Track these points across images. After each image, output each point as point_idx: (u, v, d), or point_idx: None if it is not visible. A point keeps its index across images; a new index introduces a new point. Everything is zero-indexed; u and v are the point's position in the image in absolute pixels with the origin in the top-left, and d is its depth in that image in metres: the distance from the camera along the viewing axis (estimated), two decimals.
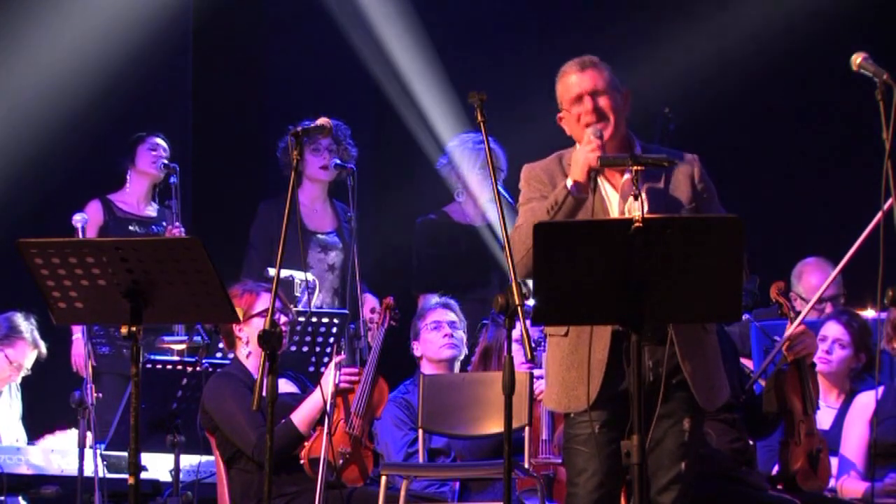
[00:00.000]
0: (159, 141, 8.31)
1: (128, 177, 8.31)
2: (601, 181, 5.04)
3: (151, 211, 8.30)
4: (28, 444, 7.40)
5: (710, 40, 9.33)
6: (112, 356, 7.97)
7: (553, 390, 5.03)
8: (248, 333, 6.42)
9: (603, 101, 5.05)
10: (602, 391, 4.90)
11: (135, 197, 8.31)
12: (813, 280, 7.84)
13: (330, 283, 8.23)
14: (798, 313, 6.56)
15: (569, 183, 4.93)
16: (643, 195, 4.78)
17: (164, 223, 8.19)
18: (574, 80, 5.08)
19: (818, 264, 7.91)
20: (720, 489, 5.97)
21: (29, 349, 7.43)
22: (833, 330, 6.99)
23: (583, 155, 4.93)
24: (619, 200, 5.02)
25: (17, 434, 7.50)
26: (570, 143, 5.19)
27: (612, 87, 5.08)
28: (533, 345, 4.83)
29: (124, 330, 4.78)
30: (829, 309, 7.74)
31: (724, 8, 9.47)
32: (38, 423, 7.64)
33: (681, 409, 4.94)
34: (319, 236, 8.25)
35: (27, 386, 7.63)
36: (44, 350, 7.47)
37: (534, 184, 5.11)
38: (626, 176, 4.95)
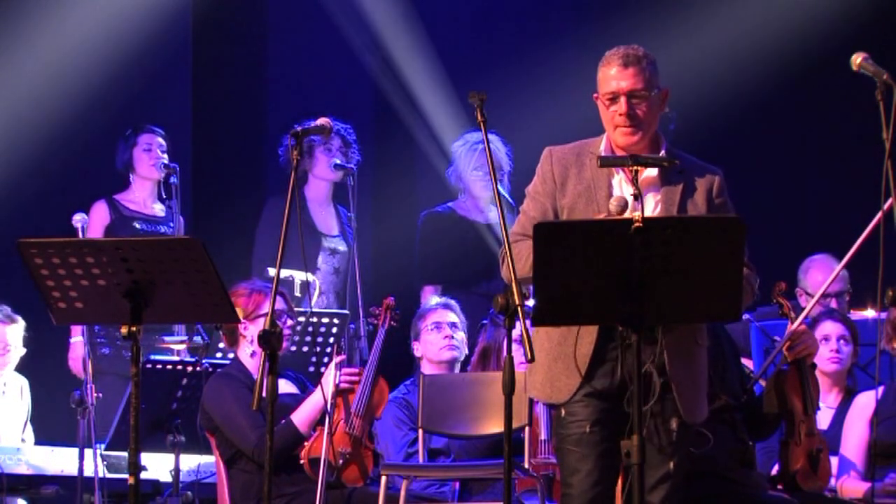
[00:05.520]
0: (152, 139, 8.27)
1: (130, 178, 8.30)
2: (618, 177, 5.04)
3: (159, 210, 8.28)
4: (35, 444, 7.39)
5: (710, 40, 9.33)
6: (112, 357, 7.96)
7: (537, 379, 5.02)
8: (254, 333, 6.40)
9: (639, 106, 4.97)
10: (584, 385, 4.91)
11: (140, 196, 8.30)
12: (820, 276, 7.82)
13: (334, 286, 8.23)
14: (800, 311, 6.55)
15: None
16: (656, 196, 4.78)
17: (172, 224, 8.16)
18: (614, 74, 4.99)
19: (826, 261, 7.90)
20: (719, 489, 5.97)
21: (5, 326, 7.38)
22: (833, 328, 6.98)
23: None
24: (631, 199, 4.97)
25: (23, 436, 7.46)
26: (586, 131, 5.19)
27: (651, 87, 4.99)
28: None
29: (124, 330, 4.79)
30: (833, 305, 7.73)
31: (725, 7, 9.47)
32: (38, 423, 7.64)
33: (669, 408, 4.93)
34: (329, 238, 8.25)
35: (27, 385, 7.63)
36: (22, 321, 7.43)
37: (546, 178, 5.08)
38: (647, 174, 4.92)
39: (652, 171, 4.97)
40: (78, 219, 7.12)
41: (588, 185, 5.02)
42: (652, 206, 4.94)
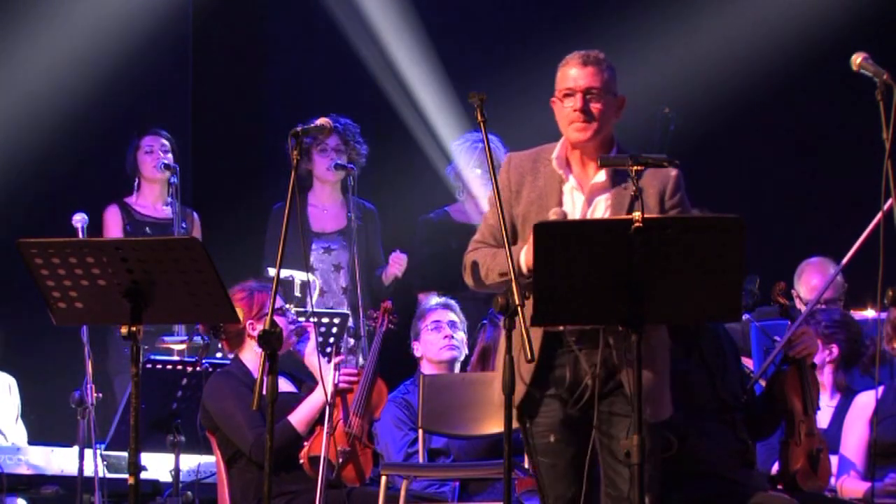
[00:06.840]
0: (153, 141, 8.27)
1: (140, 182, 8.31)
2: (568, 185, 5.04)
3: (168, 212, 8.28)
4: (28, 444, 7.39)
5: (710, 40, 9.33)
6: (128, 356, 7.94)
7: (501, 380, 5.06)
8: None
9: (593, 103, 5.01)
10: (531, 390, 4.96)
11: (149, 199, 8.31)
12: (813, 281, 7.81)
13: (337, 283, 8.23)
14: (797, 313, 6.55)
15: (523, 265, 4.85)
16: (607, 201, 4.81)
17: (184, 225, 8.17)
18: (572, 74, 5.05)
19: (820, 265, 7.88)
20: (720, 489, 5.97)
21: None
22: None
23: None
24: (583, 203, 5.02)
25: (16, 433, 7.46)
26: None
27: (607, 89, 5.04)
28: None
29: (124, 330, 4.79)
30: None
31: (725, 7, 9.47)
32: (38, 423, 7.64)
33: (628, 405, 4.93)
34: (324, 236, 8.25)
35: (28, 385, 7.62)
36: None
37: (503, 186, 5.08)
38: (596, 180, 4.97)
39: (601, 176, 5.00)
40: (78, 219, 7.12)
41: (540, 194, 5.04)
42: (602, 210, 4.96)
